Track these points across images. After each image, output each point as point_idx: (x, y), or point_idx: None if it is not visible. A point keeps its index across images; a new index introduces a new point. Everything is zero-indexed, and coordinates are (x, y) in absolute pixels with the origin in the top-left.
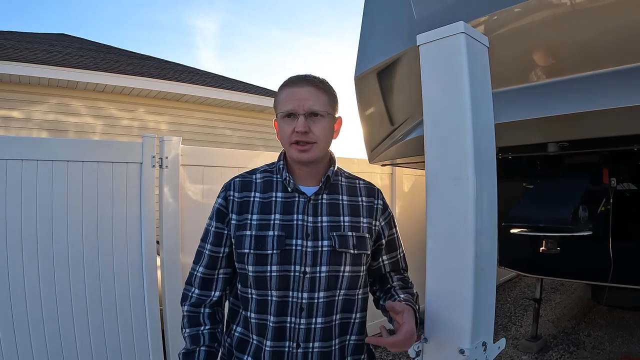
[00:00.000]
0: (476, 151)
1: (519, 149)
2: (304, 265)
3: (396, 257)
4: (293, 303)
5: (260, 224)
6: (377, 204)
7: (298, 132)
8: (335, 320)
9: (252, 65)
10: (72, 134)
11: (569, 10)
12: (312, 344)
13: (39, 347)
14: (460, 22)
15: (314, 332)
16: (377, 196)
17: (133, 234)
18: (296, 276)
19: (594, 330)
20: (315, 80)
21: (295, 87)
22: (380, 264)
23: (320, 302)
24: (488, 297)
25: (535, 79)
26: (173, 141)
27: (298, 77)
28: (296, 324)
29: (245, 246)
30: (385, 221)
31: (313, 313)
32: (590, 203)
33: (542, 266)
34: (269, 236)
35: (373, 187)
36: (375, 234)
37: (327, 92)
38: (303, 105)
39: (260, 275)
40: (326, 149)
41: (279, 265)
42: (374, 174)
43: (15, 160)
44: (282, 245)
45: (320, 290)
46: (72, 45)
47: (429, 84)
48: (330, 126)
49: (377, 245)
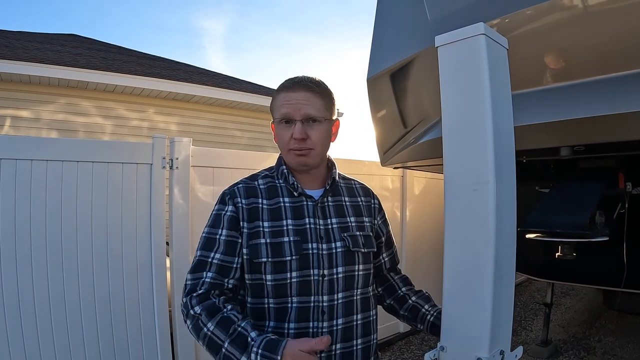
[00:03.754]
0: (497, 155)
1: (534, 153)
2: (322, 268)
3: (392, 254)
4: (314, 307)
5: (273, 230)
6: (374, 203)
7: (296, 139)
8: (356, 320)
9: (259, 67)
10: (81, 134)
11: (585, 12)
12: (335, 345)
13: (47, 349)
14: (481, 24)
15: (336, 333)
16: (372, 196)
17: (143, 235)
18: (316, 280)
19: (604, 336)
20: (311, 84)
21: (290, 91)
22: (380, 262)
23: (339, 303)
24: (506, 305)
25: (551, 82)
26: (183, 142)
27: (293, 81)
28: (319, 328)
29: (261, 255)
30: (382, 220)
31: (334, 315)
32: (606, 208)
33: (553, 270)
34: (285, 242)
35: (367, 187)
36: (375, 232)
37: (323, 96)
38: (299, 110)
39: (280, 283)
40: (324, 153)
41: (299, 270)
42: (385, 176)
43: (24, 160)
44: (300, 250)
45: (339, 291)
46: (82, 45)
47: (447, 86)
48: (327, 130)
49: (378, 244)
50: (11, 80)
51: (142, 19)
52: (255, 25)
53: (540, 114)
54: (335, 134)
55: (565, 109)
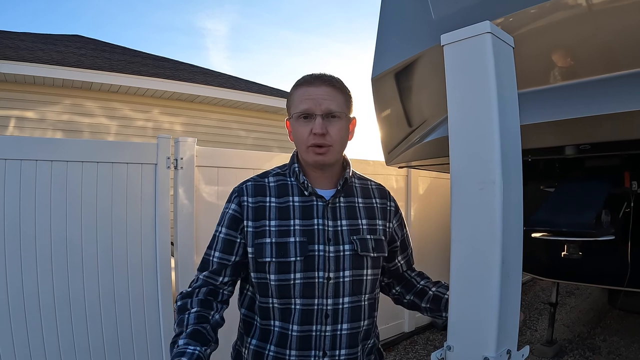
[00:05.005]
0: (503, 154)
1: (539, 152)
2: (327, 271)
3: (407, 256)
4: (318, 310)
5: (280, 230)
6: (390, 206)
7: (315, 134)
8: (362, 326)
9: (263, 68)
10: (86, 134)
11: (591, 9)
12: (339, 351)
13: (51, 347)
14: (487, 22)
15: (340, 339)
16: (389, 198)
17: (147, 235)
18: (320, 282)
19: (609, 335)
20: (332, 79)
21: (311, 86)
22: (397, 264)
23: (345, 307)
24: (513, 304)
25: (557, 80)
26: (188, 142)
27: (314, 76)
28: (322, 331)
29: (266, 254)
30: (398, 223)
31: (338, 319)
32: (612, 207)
33: (558, 270)
34: (290, 243)
35: (384, 189)
36: (389, 236)
37: (343, 92)
38: (320, 105)
39: (284, 283)
40: (342, 151)
41: (303, 272)
42: (390, 175)
43: (29, 160)
44: (305, 252)
45: (345, 295)
46: (86, 46)
47: (453, 85)
48: (346, 127)
49: (392, 247)
50: (16, 81)
51: (144, 20)
52: (259, 26)
53: (545, 113)
54: (352, 132)
55: (571, 108)
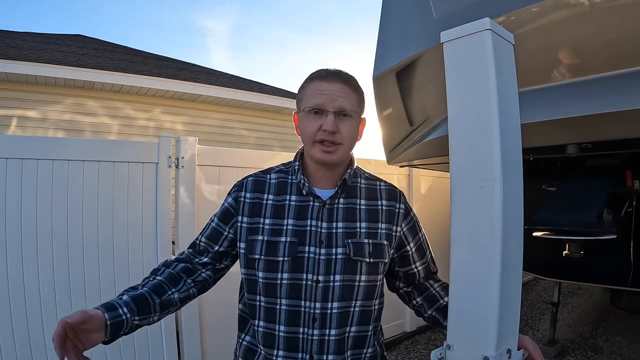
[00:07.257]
0: (503, 152)
1: (540, 151)
2: (316, 274)
3: (427, 262)
4: (305, 313)
5: (273, 229)
6: (398, 208)
7: (325, 131)
8: (349, 332)
9: (264, 67)
10: (88, 134)
11: (592, 7)
12: (326, 356)
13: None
14: (486, 19)
15: (328, 344)
16: (398, 200)
17: (149, 235)
18: (308, 285)
19: (611, 335)
20: (348, 77)
21: (325, 81)
22: (414, 270)
23: (333, 312)
24: (514, 303)
25: (558, 79)
26: (189, 141)
27: (329, 71)
28: (309, 334)
29: (256, 251)
30: (408, 226)
31: (326, 324)
32: (614, 206)
33: (560, 270)
34: (280, 242)
35: (395, 190)
36: (397, 240)
37: (357, 91)
38: (333, 102)
39: (270, 282)
40: (350, 151)
41: (290, 272)
42: (391, 174)
43: (31, 159)
44: (294, 252)
45: (334, 300)
46: (88, 45)
47: (453, 82)
48: (356, 127)
49: (402, 252)
50: (18, 80)
51: (145, 19)
52: (260, 25)
53: (546, 111)
54: (361, 133)
55: (572, 106)
